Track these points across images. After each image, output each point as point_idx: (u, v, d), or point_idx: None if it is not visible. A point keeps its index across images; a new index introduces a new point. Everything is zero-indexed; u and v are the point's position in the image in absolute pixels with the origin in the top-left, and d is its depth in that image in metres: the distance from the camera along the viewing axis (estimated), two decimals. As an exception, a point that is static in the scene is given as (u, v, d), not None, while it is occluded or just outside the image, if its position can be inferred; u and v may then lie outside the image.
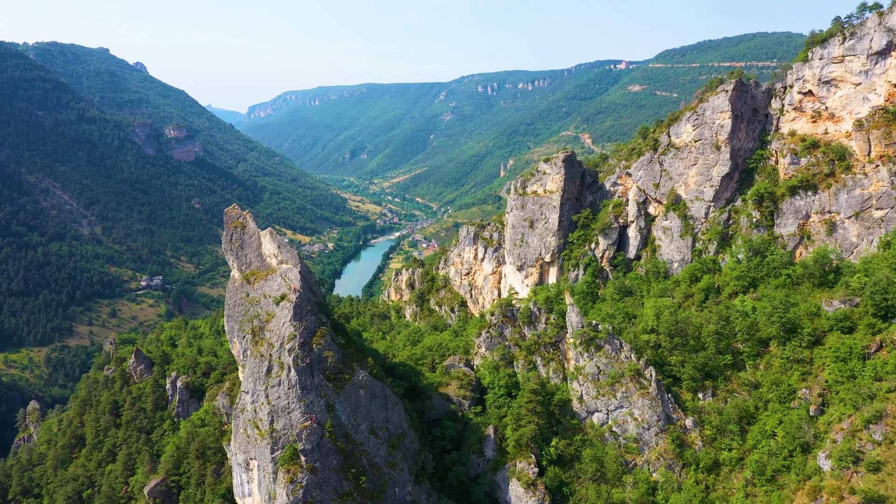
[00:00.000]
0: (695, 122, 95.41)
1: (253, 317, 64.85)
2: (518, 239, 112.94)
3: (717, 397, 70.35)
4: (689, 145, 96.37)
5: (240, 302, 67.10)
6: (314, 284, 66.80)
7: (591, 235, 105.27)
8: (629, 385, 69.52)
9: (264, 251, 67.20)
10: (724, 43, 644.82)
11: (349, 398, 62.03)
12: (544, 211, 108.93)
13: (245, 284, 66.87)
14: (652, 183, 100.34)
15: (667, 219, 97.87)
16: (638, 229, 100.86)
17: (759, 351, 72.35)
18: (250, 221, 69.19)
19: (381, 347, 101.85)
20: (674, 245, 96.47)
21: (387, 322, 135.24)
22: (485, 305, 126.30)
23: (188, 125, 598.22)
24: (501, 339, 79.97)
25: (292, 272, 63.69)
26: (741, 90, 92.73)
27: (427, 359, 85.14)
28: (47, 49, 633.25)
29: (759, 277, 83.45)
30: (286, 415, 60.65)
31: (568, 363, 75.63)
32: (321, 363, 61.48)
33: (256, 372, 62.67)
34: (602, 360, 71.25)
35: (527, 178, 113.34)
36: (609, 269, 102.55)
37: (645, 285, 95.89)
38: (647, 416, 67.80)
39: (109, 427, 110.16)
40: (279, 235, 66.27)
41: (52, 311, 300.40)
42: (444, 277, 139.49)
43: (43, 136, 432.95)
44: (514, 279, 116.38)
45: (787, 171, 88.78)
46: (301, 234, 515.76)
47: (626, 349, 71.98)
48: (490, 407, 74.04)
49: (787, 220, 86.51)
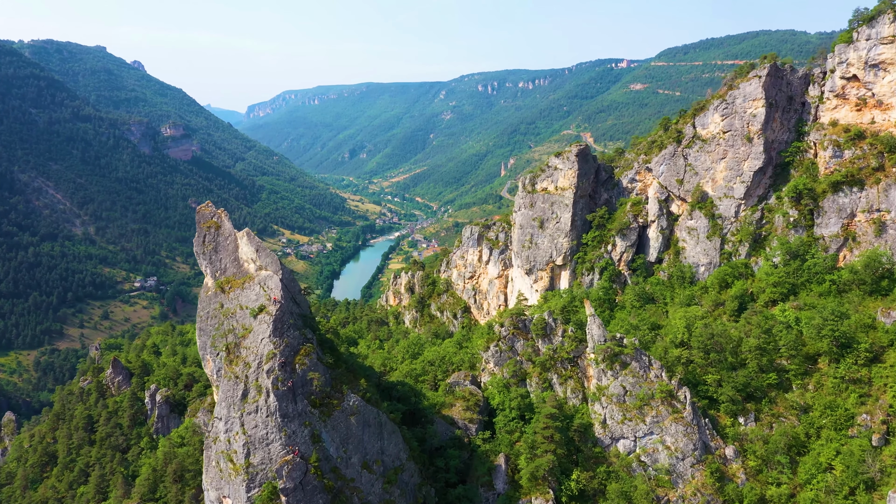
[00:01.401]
0: (723, 111, 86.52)
1: (227, 331, 56.03)
2: (527, 240, 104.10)
3: (762, 422, 61.51)
4: (716, 137, 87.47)
5: (213, 314, 58.32)
6: (298, 294, 57.99)
7: (608, 236, 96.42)
8: (660, 408, 60.69)
9: (241, 255, 58.44)
10: (726, 41, 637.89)
11: (338, 427, 53.22)
12: (555, 209, 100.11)
13: (219, 293, 58.08)
14: (675, 179, 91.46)
15: (692, 218, 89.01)
16: (659, 230, 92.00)
17: (806, 368, 63.54)
18: (226, 221, 60.39)
19: (378, 359, 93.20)
20: (700, 247, 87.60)
21: (384, 329, 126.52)
22: (490, 312, 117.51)
23: (185, 124, 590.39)
24: (512, 354, 71.07)
25: (272, 280, 54.88)
26: (775, 76, 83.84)
27: (428, 375, 76.31)
28: (43, 47, 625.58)
29: (800, 284, 74.61)
30: (264, 447, 51.88)
31: (588, 382, 66.78)
32: (305, 386, 52.67)
33: (231, 396, 53.89)
34: (628, 379, 62.41)
35: (536, 174, 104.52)
36: (627, 273, 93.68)
37: (668, 291, 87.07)
38: (682, 445, 58.98)
39: (83, 444, 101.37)
40: (258, 239, 57.46)
41: (43, 313, 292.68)
42: (446, 281, 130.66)
43: (36, 135, 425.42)
44: (523, 284, 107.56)
45: (828, 164, 79.89)
46: (299, 233, 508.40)
47: (655, 367, 63.13)
48: (500, 432, 65.21)
49: (829, 219, 77.63)
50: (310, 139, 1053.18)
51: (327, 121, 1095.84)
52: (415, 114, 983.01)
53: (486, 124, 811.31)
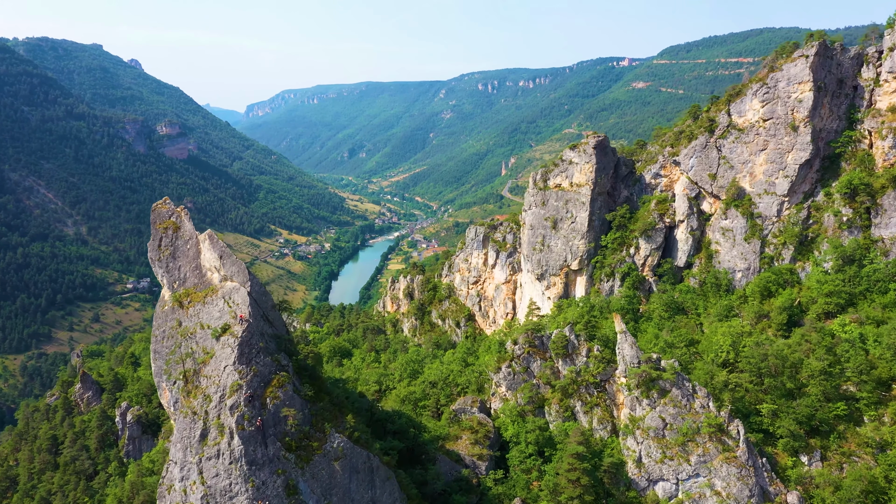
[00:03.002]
0: (764, 96, 76.35)
1: (185, 355, 45.98)
2: (538, 242, 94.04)
3: (830, 462, 51.46)
4: (755, 126, 77.34)
5: (169, 333, 48.32)
6: (271, 310, 47.88)
7: (630, 238, 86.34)
8: (707, 445, 50.62)
9: (203, 263, 48.44)
10: (730, 39, 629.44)
11: (319, 475, 43.19)
12: (571, 208, 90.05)
13: (176, 309, 48.09)
14: (707, 173, 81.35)
15: (727, 217, 78.92)
16: (689, 230, 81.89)
17: (880, 396, 53.50)
18: (186, 222, 50.35)
19: (373, 376, 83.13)
20: (736, 250, 77.50)
21: (381, 338, 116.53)
22: (496, 320, 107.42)
23: (182, 122, 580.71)
24: (528, 376, 60.98)
25: (238, 293, 44.80)
26: (824, 55, 73.77)
27: (430, 399, 66.26)
28: (37, 45, 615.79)
29: (858, 293, 64.58)
30: (227, 501, 41.86)
31: (619, 410, 56.73)
32: (278, 426, 42.64)
33: (187, 436, 43.83)
34: (668, 409, 52.32)
35: (549, 169, 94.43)
36: (653, 279, 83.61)
37: (700, 301, 77.00)
38: (735, 490, 48.90)
39: (46, 468, 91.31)
40: (223, 243, 47.34)
41: (31, 315, 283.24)
42: (448, 286, 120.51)
43: (28, 133, 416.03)
44: (533, 290, 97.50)
45: (886, 156, 69.86)
46: (297, 233, 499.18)
47: (700, 394, 53.03)
48: (515, 470, 55.16)
49: (889, 218, 67.54)
50: (309, 138, 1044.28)
51: (326, 120, 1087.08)
52: (414, 113, 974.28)
53: (486, 123, 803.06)
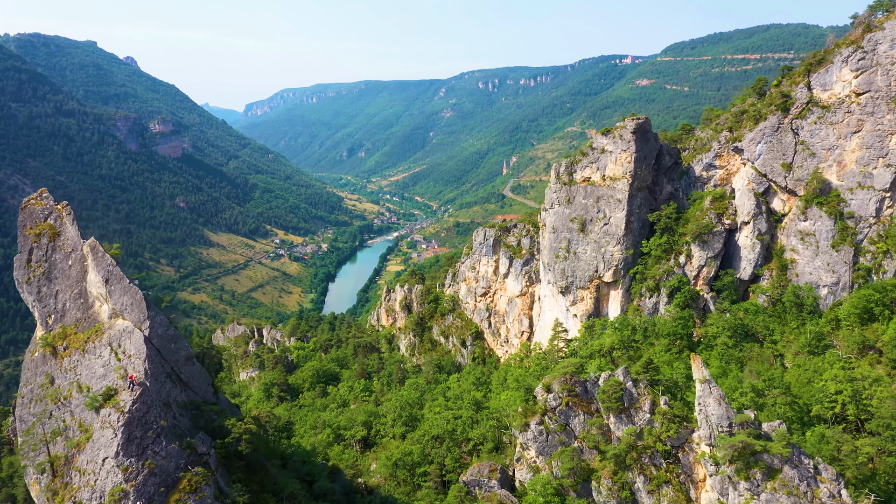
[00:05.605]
0: (859, 63, 59.97)
1: (55, 433, 29.79)
2: (562, 248, 77.69)
3: None
4: (846, 102, 60.97)
5: (37, 395, 32.11)
6: (185, 362, 31.57)
7: (678, 244, 69.98)
8: (841, 554, 34.33)
9: (90, 288, 32.40)
10: (735, 35, 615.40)
11: None
12: (603, 206, 73.71)
13: (48, 358, 31.98)
14: (779, 163, 64.96)
15: (807, 218, 62.56)
16: (756, 235, 65.50)
17: None
18: (69, 226, 34.09)
19: (361, 415, 66.75)
20: (820, 260, 61.15)
21: (374, 357, 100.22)
22: (509, 339, 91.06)
23: (176, 120, 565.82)
24: (567, 437, 44.62)
25: (131, 338, 28.70)
26: (939, 10, 57.53)
27: (433, 464, 49.98)
28: (29, 41, 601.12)
29: None
30: None
31: (698, 491, 40.37)
32: (186, 556, 26.41)
33: (47, 565, 27.62)
34: (781, 497, 35.98)
35: (575, 160, 78.04)
36: (709, 295, 67.19)
37: (775, 324, 60.65)
38: None
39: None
40: (110, 259, 31.20)
41: (10, 321, 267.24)
42: (452, 298, 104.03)
43: (15, 130, 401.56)
44: (555, 305, 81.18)
45: None
46: (293, 234, 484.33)
47: (826, 476, 36.64)
48: (553, 579, 39.00)
49: None
50: (307, 137, 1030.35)
51: (325, 119, 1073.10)
52: (414, 112, 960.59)
53: (486, 122, 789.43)
